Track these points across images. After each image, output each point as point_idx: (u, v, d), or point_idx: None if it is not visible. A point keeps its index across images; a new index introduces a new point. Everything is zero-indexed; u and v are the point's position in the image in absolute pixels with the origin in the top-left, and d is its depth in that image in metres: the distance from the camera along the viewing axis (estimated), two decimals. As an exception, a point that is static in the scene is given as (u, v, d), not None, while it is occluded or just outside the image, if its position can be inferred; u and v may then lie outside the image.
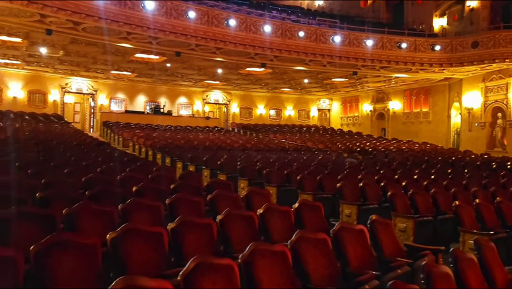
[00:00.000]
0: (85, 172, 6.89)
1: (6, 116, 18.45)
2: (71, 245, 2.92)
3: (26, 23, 12.90)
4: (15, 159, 8.04)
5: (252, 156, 12.39)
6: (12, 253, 2.62)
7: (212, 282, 2.59)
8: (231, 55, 16.78)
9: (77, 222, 3.93)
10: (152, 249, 3.42)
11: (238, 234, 4.14)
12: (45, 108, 22.44)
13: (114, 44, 15.23)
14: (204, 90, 26.80)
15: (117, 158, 10.11)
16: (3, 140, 11.46)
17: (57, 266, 2.79)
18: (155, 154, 13.17)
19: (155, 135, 17.19)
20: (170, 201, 4.95)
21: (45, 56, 17.86)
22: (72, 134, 16.00)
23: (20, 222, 3.58)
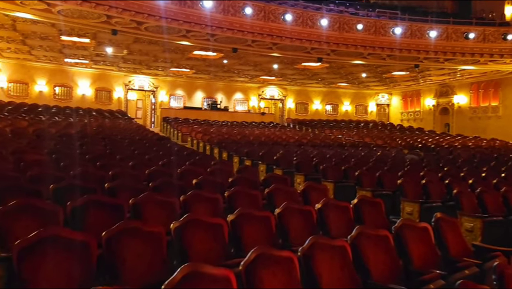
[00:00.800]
0: (148, 165, 7.21)
1: (76, 113, 19.74)
2: (139, 232, 3.07)
3: (94, 25, 13.68)
4: (85, 152, 8.59)
5: (308, 151, 12.30)
6: (87, 238, 2.80)
7: (272, 274, 2.61)
8: (287, 50, 16.73)
9: (142, 212, 4.13)
10: (212, 239, 3.52)
11: (296, 228, 4.15)
12: (110, 104, 23.70)
13: (174, 42, 15.73)
14: (259, 86, 26.98)
15: (177, 152, 10.47)
16: (74, 134, 12.26)
17: (126, 251, 2.95)
18: (213, 148, 13.48)
19: (212, 130, 17.58)
20: (229, 194, 5.05)
21: (111, 55, 18.85)
22: (135, 129, 16.76)
23: (92, 210, 3.82)
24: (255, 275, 2.56)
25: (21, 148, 8.18)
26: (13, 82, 21.57)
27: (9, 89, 21.52)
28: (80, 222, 3.67)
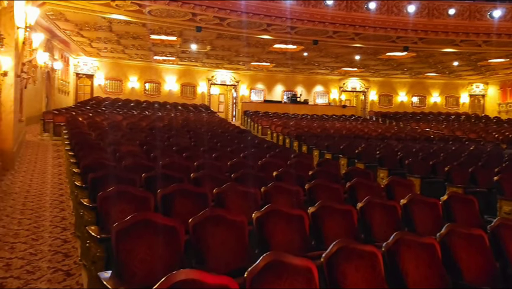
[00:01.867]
0: (230, 157, 7.43)
1: (163, 107, 20.96)
2: (223, 220, 3.18)
3: (180, 23, 14.37)
4: (173, 144, 9.09)
5: (392, 145, 11.78)
6: (175, 223, 2.97)
7: (355, 268, 2.56)
8: (370, 40, 16.13)
9: (225, 201, 4.27)
10: (293, 230, 3.53)
11: (379, 223, 4.00)
12: (194, 99, 24.79)
13: (255, 36, 15.96)
14: (340, 78, 26.38)
15: (257, 145, 10.65)
16: (162, 127, 13.03)
17: (211, 238, 3.07)
18: (292, 142, 13.49)
19: (291, 123, 17.59)
20: (309, 187, 5.03)
21: (195, 52, 19.68)
22: (217, 122, 17.36)
23: (179, 198, 4.04)
24: (337, 268, 2.53)
25: (117, 140, 8.87)
26: (109, 79, 23.50)
27: (106, 86, 23.48)
28: (168, 208, 3.89)
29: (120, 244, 2.73)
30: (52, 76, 18.72)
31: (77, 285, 3.76)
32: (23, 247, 4.65)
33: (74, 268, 4.14)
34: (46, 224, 5.56)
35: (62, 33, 16.53)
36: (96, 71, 23.16)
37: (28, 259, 4.30)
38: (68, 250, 4.64)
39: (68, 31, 16.17)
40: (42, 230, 5.30)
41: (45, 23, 14.55)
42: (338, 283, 2.50)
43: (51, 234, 5.16)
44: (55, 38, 17.43)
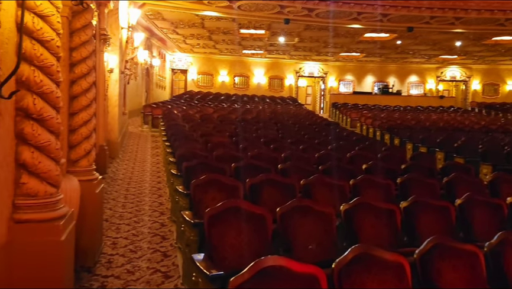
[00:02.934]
0: (317, 149, 7.36)
1: (252, 100, 21.43)
2: (310, 211, 3.17)
3: (268, 16, 14.50)
4: (260, 135, 9.26)
5: (498, 138, 10.73)
6: (264, 212, 3.03)
7: (453, 267, 2.39)
8: (473, 25, 14.78)
9: (312, 193, 4.25)
10: (383, 225, 3.40)
11: (481, 222, 3.69)
12: (282, 91, 24.94)
13: (344, 26, 15.53)
14: (438, 67, 24.63)
15: (345, 137, 10.40)
16: (250, 120, 13.34)
17: (298, 228, 3.08)
18: (383, 134, 12.94)
19: (383, 115, 16.87)
20: (402, 181, 4.79)
21: (283, 44, 19.75)
22: (304, 114, 17.28)
23: (267, 188, 4.11)
24: (431, 266, 2.38)
25: (208, 132, 9.28)
26: (201, 73, 24.63)
27: (198, 80, 24.64)
28: (256, 197, 3.98)
29: (212, 229, 2.86)
30: (151, 72, 20.14)
31: (173, 266, 4.03)
32: (127, 228, 5.10)
33: (171, 250, 4.43)
34: (146, 208, 6.03)
35: (159, 31, 17.66)
36: (189, 67, 24.41)
37: (131, 239, 4.71)
38: (165, 233, 4.98)
39: (165, 29, 17.22)
40: (142, 213, 5.76)
41: (145, 23, 15.66)
42: (433, 281, 2.35)
43: (150, 217, 5.59)
44: (154, 36, 18.69)
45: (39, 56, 2.47)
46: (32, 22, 2.43)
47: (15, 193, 2.44)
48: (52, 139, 2.55)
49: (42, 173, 2.50)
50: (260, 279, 1.87)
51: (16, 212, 2.41)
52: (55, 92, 2.56)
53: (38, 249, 2.39)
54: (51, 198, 2.54)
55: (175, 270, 3.92)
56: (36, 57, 2.46)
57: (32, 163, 2.46)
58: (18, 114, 2.44)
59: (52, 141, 2.55)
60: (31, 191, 2.47)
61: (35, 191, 2.47)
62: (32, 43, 2.45)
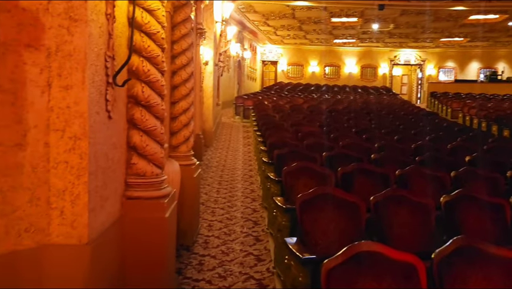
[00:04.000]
0: (413, 140, 7.00)
1: (342, 90, 20.95)
2: (406, 201, 3.04)
3: (361, 3, 14.01)
4: (352, 126, 9.05)
5: None
6: (357, 200, 2.97)
7: None
8: None
9: (408, 183, 4.06)
10: (489, 220, 3.13)
11: None
12: (375, 81, 24.01)
13: (446, 9, 14.41)
14: (557, 50, 21.77)
15: (445, 128, 9.72)
16: (341, 110, 13.07)
17: (393, 218, 2.98)
18: (490, 125, 11.85)
19: (490, 105, 15.42)
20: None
21: (376, 32, 18.94)
22: (399, 104, 16.46)
23: (359, 177, 4.02)
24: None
25: (298, 122, 9.31)
26: (291, 64, 24.68)
27: (288, 71, 24.74)
28: (348, 186, 3.91)
29: (304, 214, 2.88)
30: (242, 64, 20.69)
31: (265, 250, 4.14)
32: (221, 212, 5.35)
33: (262, 235, 4.56)
34: (238, 194, 6.26)
35: (251, 24, 18.04)
36: (279, 58, 24.60)
37: (225, 223, 4.94)
38: (256, 218, 5.13)
39: (256, 21, 17.54)
40: (235, 199, 5.99)
41: (237, 17, 16.10)
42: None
43: (242, 203, 5.79)
44: (245, 29, 19.14)
45: (147, 48, 2.69)
46: (141, 17, 2.65)
47: (127, 173, 2.70)
48: (157, 124, 2.77)
49: (149, 155, 2.73)
50: (354, 263, 1.85)
51: (128, 190, 2.67)
52: (160, 81, 2.77)
53: (146, 223, 2.62)
54: (157, 178, 2.77)
55: (267, 255, 4.03)
56: (144, 48, 2.68)
57: (141, 146, 2.69)
58: (129, 101, 2.69)
59: (157, 126, 2.77)
60: (140, 171, 2.71)
61: (143, 171, 2.71)
62: (141, 36, 2.67)
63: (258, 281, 3.49)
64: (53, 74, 1.99)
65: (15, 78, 1.90)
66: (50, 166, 2.02)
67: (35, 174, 1.98)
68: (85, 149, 2.04)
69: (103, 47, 2.23)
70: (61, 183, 2.03)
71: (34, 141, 1.97)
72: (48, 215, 2.02)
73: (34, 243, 1.98)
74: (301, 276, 2.46)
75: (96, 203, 2.16)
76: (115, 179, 2.48)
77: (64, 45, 1.99)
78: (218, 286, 3.37)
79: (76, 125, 2.03)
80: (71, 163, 2.03)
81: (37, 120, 1.97)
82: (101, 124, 2.22)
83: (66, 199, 2.03)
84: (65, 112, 2.02)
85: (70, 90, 2.01)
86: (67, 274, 2.02)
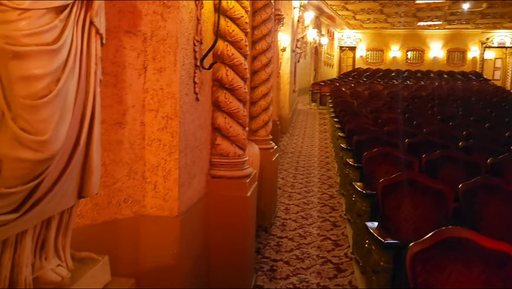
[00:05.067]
0: (508, 128, 6.45)
1: (426, 76, 19.78)
2: (500, 190, 2.83)
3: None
4: (437, 113, 8.54)
5: None
6: (444, 187, 2.83)
7: None
8: None
9: (502, 173, 3.77)
10: None
11: None
12: (463, 65, 22.34)
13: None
14: None
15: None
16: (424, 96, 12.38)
17: (484, 207, 2.79)
18: None
19: None
20: None
21: (466, 12, 17.53)
22: (491, 91, 15.18)
23: (446, 164, 3.81)
24: None
25: (378, 108, 8.98)
26: (370, 50, 23.81)
27: (367, 57, 23.91)
28: (433, 174, 3.73)
29: (386, 199, 2.81)
30: (319, 50, 20.38)
31: (343, 236, 4.11)
32: (298, 196, 5.39)
33: (340, 221, 4.53)
34: (315, 180, 6.25)
35: (329, 9, 17.66)
36: (358, 43, 23.85)
37: (302, 207, 4.97)
38: (334, 204, 5.10)
39: (334, 6, 17.14)
40: (312, 184, 6.00)
41: (315, 2, 15.84)
42: None
43: (319, 189, 5.78)
44: (323, 14, 18.78)
45: (231, 32, 2.77)
46: (226, 2, 2.73)
47: (211, 153, 2.83)
48: (240, 106, 2.86)
49: (232, 137, 2.83)
50: (442, 248, 1.78)
51: (212, 169, 2.80)
52: (243, 64, 2.85)
53: (228, 201, 2.74)
54: (239, 159, 2.87)
55: (344, 240, 4.00)
56: (229, 33, 2.77)
57: (225, 127, 2.80)
58: (214, 84, 2.80)
59: (240, 108, 2.85)
60: (223, 151, 2.82)
61: (226, 152, 2.82)
62: (225, 21, 2.76)
63: (336, 265, 3.49)
64: (148, 58, 2.14)
65: (116, 61, 2.08)
66: (145, 143, 2.18)
67: (133, 150, 2.16)
68: (176, 128, 2.17)
69: (192, 31, 2.34)
70: (155, 159, 2.19)
71: (132, 120, 2.14)
72: (143, 188, 2.19)
73: (132, 213, 2.17)
74: (382, 260, 2.42)
75: (185, 179, 2.30)
76: (201, 158, 2.62)
77: (158, 30, 2.13)
78: (296, 267, 3.42)
79: (168, 106, 2.16)
80: (163, 141, 2.18)
81: (134, 101, 2.14)
82: (190, 105, 2.35)
83: (159, 174, 2.19)
84: (158, 93, 2.16)
85: (163, 73, 2.15)
86: (159, 243, 2.19)
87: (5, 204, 1.16)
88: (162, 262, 2.18)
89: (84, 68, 1.32)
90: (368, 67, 22.71)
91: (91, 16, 1.32)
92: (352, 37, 23.82)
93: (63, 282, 1.37)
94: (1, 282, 1.26)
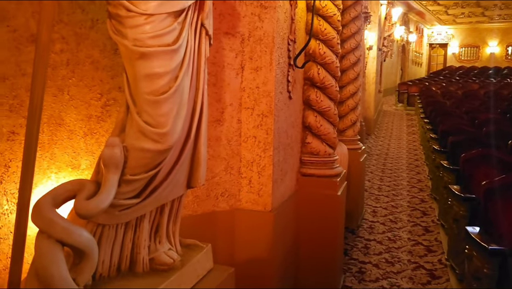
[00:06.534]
0: None
1: None
2: None
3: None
4: None
5: None
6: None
7: None
8: None
9: None
10: None
11: None
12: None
13: None
14: None
15: None
16: None
17: None
18: None
19: None
20: None
21: None
22: None
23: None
24: None
25: (474, 108, 8.35)
26: (464, 46, 22.17)
27: (460, 54, 22.29)
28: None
29: (489, 203, 2.62)
30: (406, 48, 19.46)
31: (436, 241, 3.90)
32: (385, 199, 5.22)
33: (432, 226, 4.30)
34: (404, 183, 5.99)
35: (418, 4, 16.79)
36: (450, 40, 22.35)
37: (390, 210, 4.80)
38: (425, 209, 4.85)
39: (424, 1, 16.26)
40: (400, 188, 5.76)
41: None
42: None
43: (408, 192, 5.53)
44: (411, 10, 17.91)
45: (323, 31, 2.78)
46: (319, 1, 2.75)
47: (301, 151, 2.86)
48: (331, 105, 2.85)
49: (323, 135, 2.84)
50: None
51: (302, 167, 2.83)
52: (335, 62, 2.84)
53: (319, 199, 2.74)
54: (329, 158, 2.86)
55: (438, 246, 3.80)
56: (321, 31, 2.78)
57: (315, 126, 2.82)
58: (305, 82, 2.83)
59: (331, 107, 2.85)
60: (314, 150, 2.84)
61: (316, 150, 2.83)
62: (317, 19, 2.78)
63: (429, 271, 3.32)
64: (245, 58, 2.23)
65: (216, 62, 2.20)
66: (241, 140, 2.28)
67: (230, 146, 2.26)
68: (271, 125, 2.24)
69: (287, 31, 2.39)
70: (250, 155, 2.27)
71: (229, 118, 2.25)
72: (239, 183, 2.29)
73: (228, 206, 2.27)
74: (486, 267, 2.26)
75: (278, 175, 2.36)
76: (293, 155, 2.66)
77: (255, 31, 2.21)
78: (386, 270, 3.32)
79: (263, 104, 2.24)
80: (258, 137, 2.26)
81: (232, 99, 2.24)
82: (283, 104, 2.40)
83: (254, 170, 2.27)
84: (254, 91, 2.24)
85: (259, 72, 2.23)
86: (253, 236, 2.27)
87: (130, 189, 1.30)
88: (255, 254, 2.25)
89: (195, 67, 1.42)
90: (461, 65, 21.17)
91: (202, 18, 1.43)
92: (443, 33, 22.37)
93: (174, 265, 1.48)
94: (123, 260, 1.40)
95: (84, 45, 1.60)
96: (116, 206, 1.28)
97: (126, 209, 1.32)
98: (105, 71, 1.71)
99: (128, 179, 1.27)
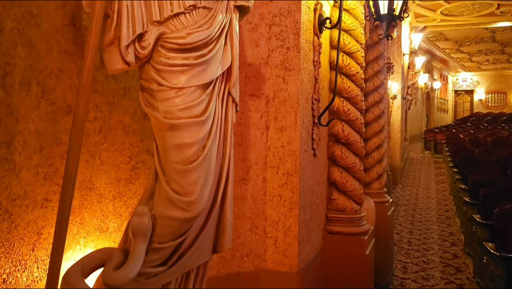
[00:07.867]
0: None
1: None
2: None
3: None
4: None
5: None
6: None
7: None
8: None
9: None
10: None
11: None
12: None
13: None
14: None
15: None
16: None
17: None
18: None
19: None
20: None
21: None
22: None
23: None
24: None
25: (505, 157, 8.12)
26: (490, 92, 21.93)
27: (487, 100, 22.01)
28: None
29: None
30: (431, 95, 19.41)
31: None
32: (416, 254, 5.01)
33: (467, 284, 4.08)
34: (434, 236, 5.77)
35: (441, 52, 16.91)
36: (475, 86, 22.18)
37: (421, 266, 4.59)
38: (459, 265, 4.63)
39: (447, 49, 16.38)
40: (431, 241, 5.54)
41: (425, 46, 15.33)
42: None
43: (440, 246, 5.31)
44: (434, 58, 18.02)
45: (347, 88, 2.82)
46: (342, 60, 2.81)
47: (327, 208, 2.82)
48: (356, 161, 2.84)
49: (349, 191, 2.81)
50: None
51: (329, 224, 2.78)
52: (359, 119, 2.86)
53: (346, 258, 2.67)
54: (356, 214, 2.81)
55: (475, 307, 3.58)
56: (345, 89, 2.82)
57: (341, 182, 2.79)
58: (330, 139, 2.85)
59: (357, 162, 2.83)
60: (340, 206, 2.80)
61: (343, 207, 2.79)
62: (341, 78, 2.83)
63: (467, 336, 3.11)
64: (270, 118, 2.28)
65: (241, 122, 2.25)
66: (266, 199, 2.28)
67: (255, 205, 2.26)
68: (296, 184, 2.24)
69: (311, 91, 2.44)
70: (275, 214, 2.26)
71: (255, 176, 2.26)
72: (264, 243, 2.26)
73: (253, 267, 2.24)
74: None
75: (304, 235, 2.32)
76: (318, 213, 2.63)
77: (279, 92, 2.27)
78: (419, 334, 3.14)
79: (289, 162, 2.25)
80: (284, 196, 2.25)
81: (257, 158, 2.27)
82: (308, 161, 2.41)
83: (279, 230, 2.25)
84: (279, 150, 2.27)
85: (284, 131, 2.26)
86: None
87: (156, 257, 1.30)
88: (282, 319, 2.18)
89: (222, 134, 1.46)
90: (489, 111, 20.85)
91: (229, 88, 1.48)
92: (469, 79, 22.27)
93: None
94: (148, 328, 1.38)
95: (116, 112, 1.68)
96: (142, 275, 1.28)
97: (152, 277, 1.32)
98: (135, 135, 1.77)
99: (156, 247, 1.28)
